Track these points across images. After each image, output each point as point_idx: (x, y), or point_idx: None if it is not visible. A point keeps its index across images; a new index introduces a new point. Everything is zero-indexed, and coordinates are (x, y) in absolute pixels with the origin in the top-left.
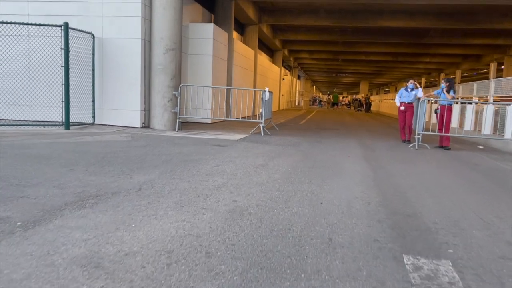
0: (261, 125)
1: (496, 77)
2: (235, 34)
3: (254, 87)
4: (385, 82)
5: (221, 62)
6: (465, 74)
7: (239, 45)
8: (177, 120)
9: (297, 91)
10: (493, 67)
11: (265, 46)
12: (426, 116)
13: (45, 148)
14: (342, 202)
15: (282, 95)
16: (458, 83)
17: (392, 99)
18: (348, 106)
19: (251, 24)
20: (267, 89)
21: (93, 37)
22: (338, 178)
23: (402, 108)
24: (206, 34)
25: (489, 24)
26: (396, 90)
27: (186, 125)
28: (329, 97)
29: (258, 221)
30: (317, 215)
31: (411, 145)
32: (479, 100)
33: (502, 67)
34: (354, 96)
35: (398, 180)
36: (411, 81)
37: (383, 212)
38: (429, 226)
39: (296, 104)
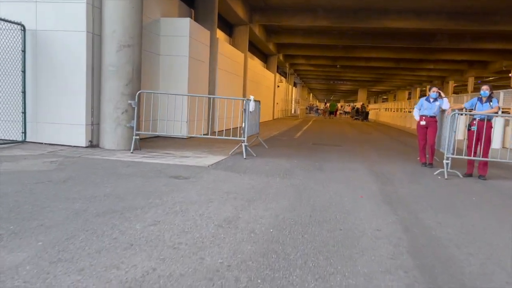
0: (243, 145)
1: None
2: (222, 35)
3: (244, 94)
4: (383, 90)
5: (202, 66)
6: (467, 83)
7: (225, 47)
8: (133, 137)
9: (293, 99)
10: None
11: (258, 50)
12: (455, 134)
13: None
14: None
15: (277, 103)
16: (471, 92)
17: (403, 109)
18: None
19: (240, 24)
20: (252, 97)
21: (24, 29)
22: (352, 251)
23: (423, 122)
24: (180, 31)
25: (506, 25)
26: (395, 98)
27: (153, 142)
28: (326, 105)
29: None
30: None
31: (437, 172)
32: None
33: (510, 74)
34: (352, 104)
35: (453, 251)
36: (434, 88)
37: None
38: None
39: (292, 112)
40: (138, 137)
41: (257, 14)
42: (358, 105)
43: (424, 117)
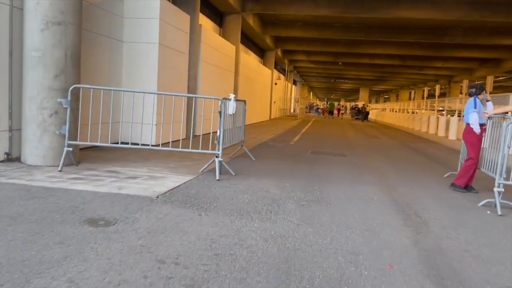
0: (216, 161)
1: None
2: (210, 24)
3: (236, 93)
4: (386, 89)
5: (178, 57)
6: (476, 82)
7: (211, 36)
8: (65, 149)
9: (293, 98)
10: None
11: (253, 44)
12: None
13: None
14: None
15: (274, 102)
16: (489, 93)
17: (410, 110)
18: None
19: (231, 13)
20: (232, 96)
21: None
22: None
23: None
24: (149, 12)
25: None
26: (398, 98)
27: (108, 152)
28: (326, 105)
29: None
30: None
31: (483, 202)
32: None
33: None
34: (354, 103)
35: None
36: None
37: None
38: None
39: (292, 111)
40: (71, 148)
41: (251, 1)
42: (359, 104)
43: (483, 126)
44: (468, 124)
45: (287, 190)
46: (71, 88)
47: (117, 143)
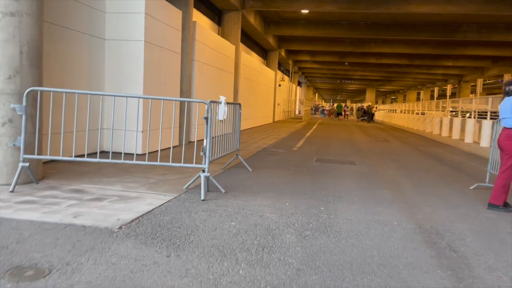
0: (202, 176)
1: None
2: (207, 22)
3: (236, 95)
4: (393, 90)
5: (169, 56)
6: (487, 82)
7: (206, 34)
8: (20, 164)
9: (297, 99)
10: None
11: (255, 44)
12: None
13: None
14: None
15: (278, 104)
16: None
17: (421, 111)
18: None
19: (230, 10)
20: (223, 99)
21: None
22: None
23: None
24: (133, 6)
25: None
26: (405, 99)
27: (79, 165)
28: (333, 106)
29: None
30: None
31: None
32: None
33: None
34: (360, 104)
35: None
36: None
37: None
38: None
39: (297, 113)
40: (27, 164)
41: None
42: (365, 106)
43: None
44: (508, 129)
45: (286, 213)
46: (26, 92)
47: (83, 155)
